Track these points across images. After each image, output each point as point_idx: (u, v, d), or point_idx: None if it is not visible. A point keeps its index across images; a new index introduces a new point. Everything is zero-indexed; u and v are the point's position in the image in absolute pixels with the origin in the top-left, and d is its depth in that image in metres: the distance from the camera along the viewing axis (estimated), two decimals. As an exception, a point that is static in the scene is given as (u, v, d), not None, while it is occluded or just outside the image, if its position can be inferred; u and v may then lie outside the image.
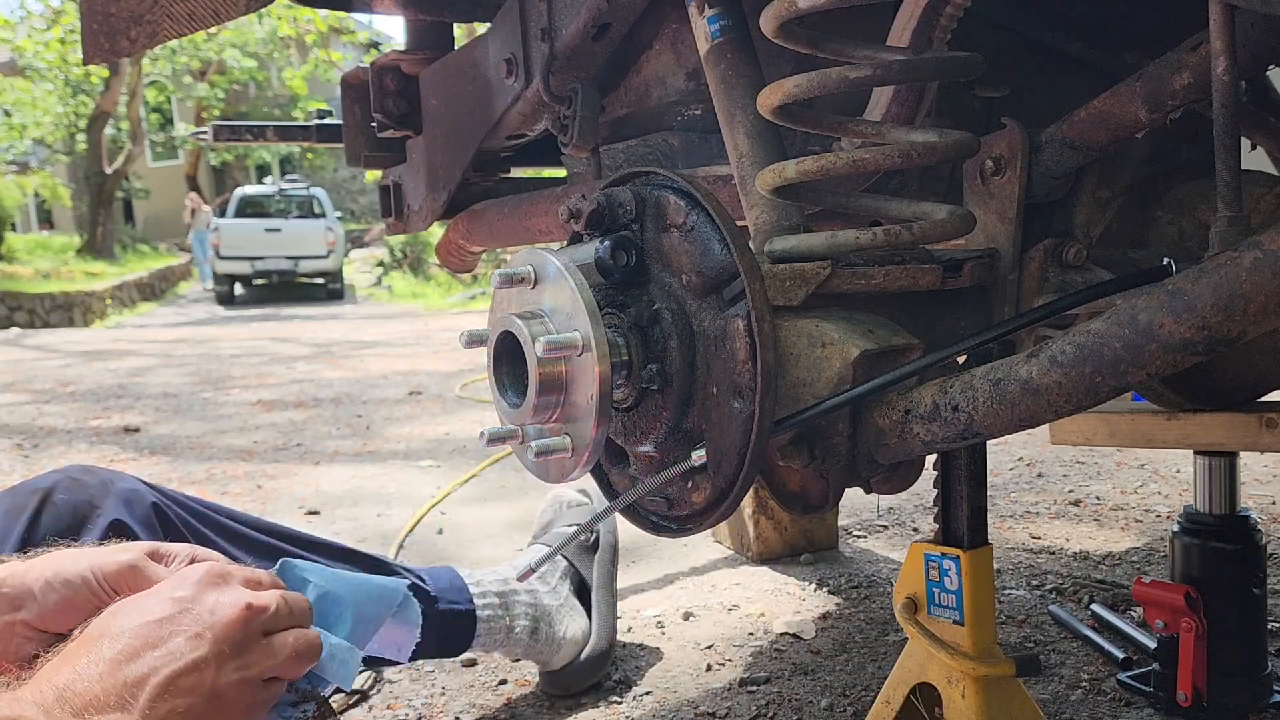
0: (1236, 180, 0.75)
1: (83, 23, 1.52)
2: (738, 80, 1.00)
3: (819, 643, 1.74)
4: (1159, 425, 1.34)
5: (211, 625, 0.76)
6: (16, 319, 13.28)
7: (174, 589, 0.79)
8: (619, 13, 1.18)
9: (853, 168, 0.87)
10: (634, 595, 2.01)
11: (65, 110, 21.95)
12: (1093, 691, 1.50)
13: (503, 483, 3.05)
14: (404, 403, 4.69)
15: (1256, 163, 1.17)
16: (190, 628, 0.75)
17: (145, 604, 0.77)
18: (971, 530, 1.05)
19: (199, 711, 0.73)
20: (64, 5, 18.76)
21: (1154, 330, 0.68)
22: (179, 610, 0.76)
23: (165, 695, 0.72)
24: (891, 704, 1.11)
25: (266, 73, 26.36)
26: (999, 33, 1.12)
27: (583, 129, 1.28)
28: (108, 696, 0.71)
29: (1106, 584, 1.92)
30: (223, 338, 9.06)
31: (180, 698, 0.73)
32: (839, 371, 0.81)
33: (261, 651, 0.78)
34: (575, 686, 1.59)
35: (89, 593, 0.84)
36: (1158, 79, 0.86)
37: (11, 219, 20.22)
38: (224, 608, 0.78)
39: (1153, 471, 2.76)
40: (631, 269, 0.86)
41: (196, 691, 0.73)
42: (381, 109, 1.69)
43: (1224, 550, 1.35)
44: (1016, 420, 0.77)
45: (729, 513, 0.85)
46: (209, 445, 3.82)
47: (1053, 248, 0.98)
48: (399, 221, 1.84)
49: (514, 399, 0.86)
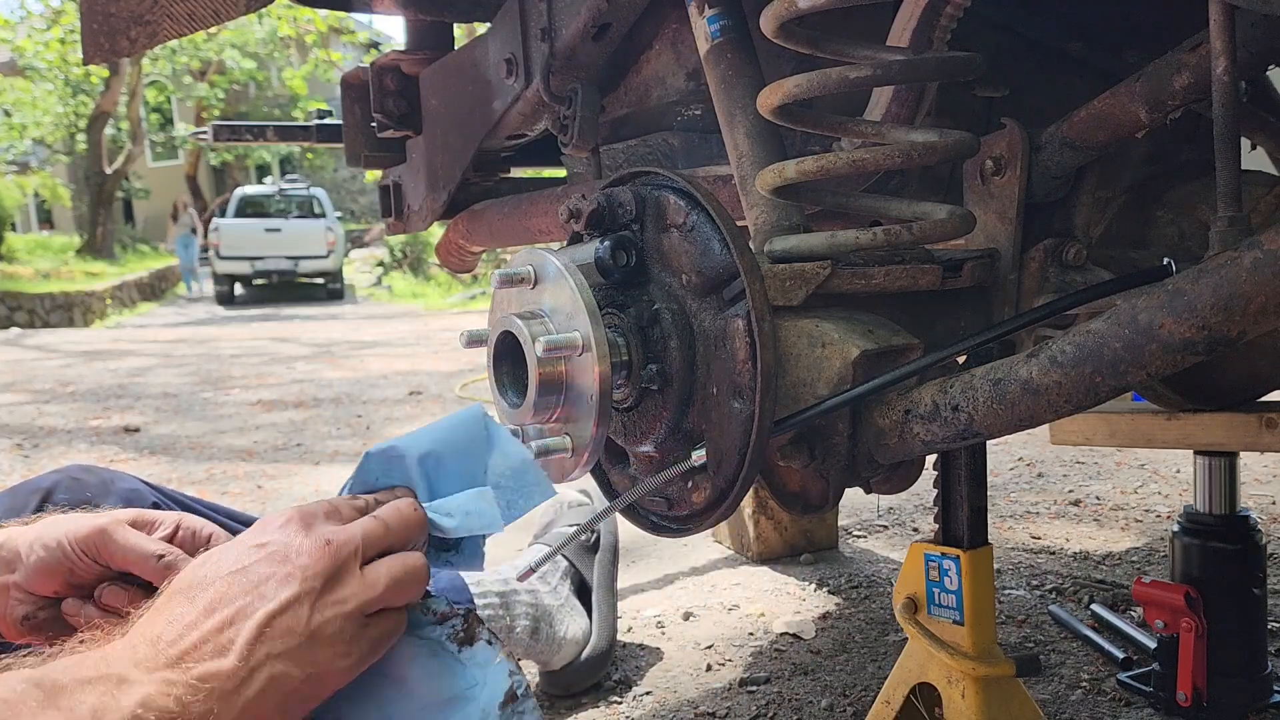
0: (1236, 180, 0.75)
1: (83, 23, 1.52)
2: (738, 80, 1.00)
3: (819, 643, 1.74)
4: (1159, 425, 1.34)
5: (299, 565, 0.73)
6: (16, 319, 13.29)
7: (256, 536, 0.76)
8: (619, 13, 1.18)
9: (853, 168, 0.87)
10: (634, 595, 2.01)
11: (65, 110, 21.96)
12: (1093, 691, 1.50)
13: (503, 483, 3.04)
14: (404, 403, 4.69)
15: (1256, 163, 1.18)
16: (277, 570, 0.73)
17: (229, 553, 0.75)
18: (971, 530, 1.05)
19: (298, 654, 0.71)
20: (64, 5, 18.76)
21: (1154, 330, 0.68)
22: (263, 555, 0.74)
23: (262, 639, 0.70)
24: (891, 704, 1.11)
25: (266, 73, 26.36)
26: (999, 33, 1.12)
27: (583, 129, 1.28)
28: (204, 643, 0.69)
29: (1106, 584, 1.92)
30: (223, 338, 9.06)
31: (277, 639, 0.70)
32: (839, 371, 0.81)
33: (357, 584, 0.75)
34: (575, 686, 1.59)
35: (62, 555, 0.84)
36: (1158, 79, 0.86)
37: (11, 219, 20.23)
38: (307, 547, 0.75)
39: (1153, 471, 2.76)
40: (631, 269, 0.86)
41: (293, 632, 0.71)
42: (381, 109, 1.69)
43: (1224, 550, 1.35)
44: (1016, 420, 0.77)
45: (729, 513, 0.85)
46: (209, 445, 3.82)
47: (1053, 248, 0.98)
48: (399, 221, 1.84)
49: (514, 399, 0.86)
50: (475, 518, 0.81)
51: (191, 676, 0.67)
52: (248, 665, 0.69)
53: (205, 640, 0.69)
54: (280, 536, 0.75)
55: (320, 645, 0.72)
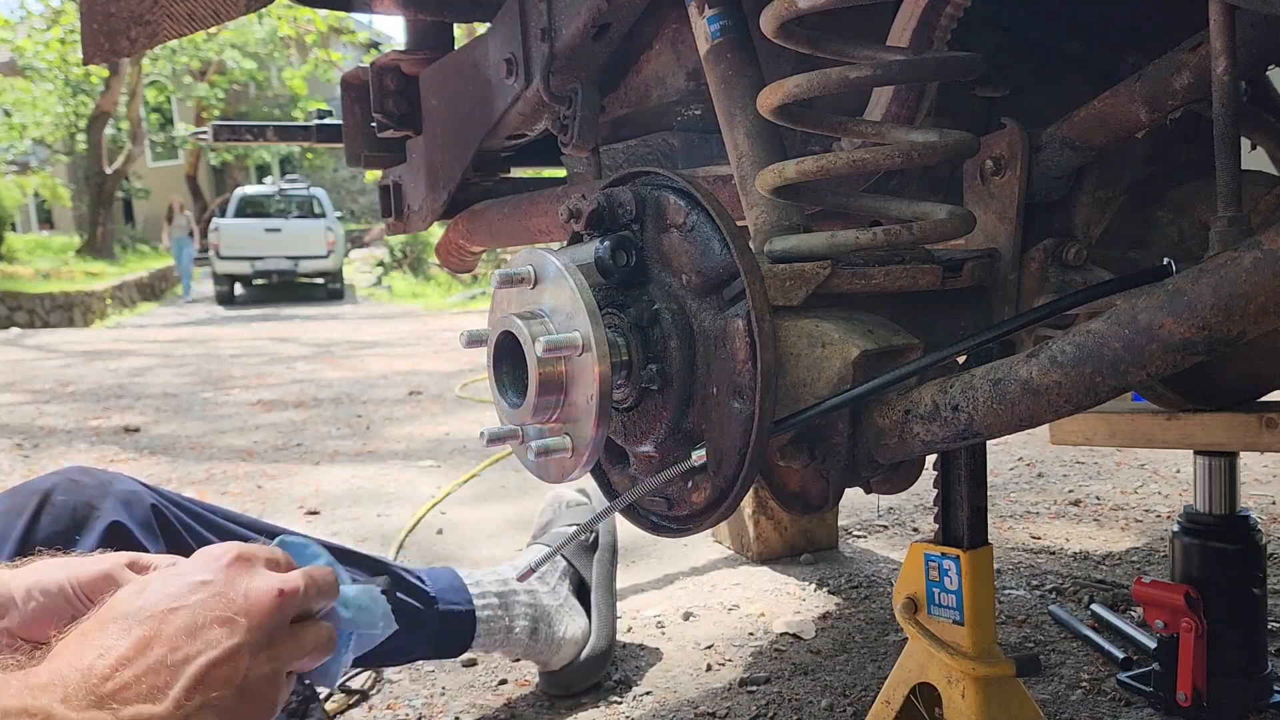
0: (1236, 180, 0.75)
1: (83, 23, 1.52)
2: (738, 80, 1.00)
3: (819, 643, 1.74)
4: (1159, 425, 1.34)
5: (246, 611, 0.71)
6: (16, 319, 13.29)
7: (200, 571, 0.74)
8: (619, 13, 1.18)
9: (853, 168, 0.87)
10: (634, 595, 2.01)
11: (65, 110, 21.96)
12: (1093, 691, 1.50)
13: (503, 483, 3.05)
14: (404, 403, 4.69)
15: (1256, 163, 1.17)
16: (223, 612, 0.71)
17: (170, 584, 0.73)
18: (971, 530, 1.05)
19: (229, 705, 0.69)
20: (64, 5, 18.76)
21: (1154, 330, 0.68)
22: (210, 594, 0.72)
23: (199, 686, 0.68)
24: (891, 704, 1.11)
25: (266, 73, 26.36)
26: (999, 33, 1.12)
27: (583, 129, 1.28)
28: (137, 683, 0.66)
29: (1106, 584, 1.92)
30: (223, 338, 9.06)
31: (214, 689, 0.68)
32: (839, 371, 0.81)
33: (289, 642, 0.74)
34: (575, 686, 1.59)
35: (64, 601, 0.81)
36: (1158, 79, 0.86)
37: (11, 219, 20.24)
38: (256, 592, 0.73)
39: (1153, 471, 2.76)
40: (631, 269, 0.86)
41: (230, 683, 0.69)
42: (381, 109, 1.69)
43: (1224, 550, 1.35)
44: (1016, 420, 0.77)
45: (729, 513, 0.85)
46: (209, 445, 3.82)
47: (1053, 248, 0.98)
48: (399, 221, 1.84)
49: (514, 399, 0.86)
50: (364, 614, 0.83)
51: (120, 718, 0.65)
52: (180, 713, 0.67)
53: (139, 680, 0.67)
54: (225, 577, 0.73)
55: (250, 698, 0.71)
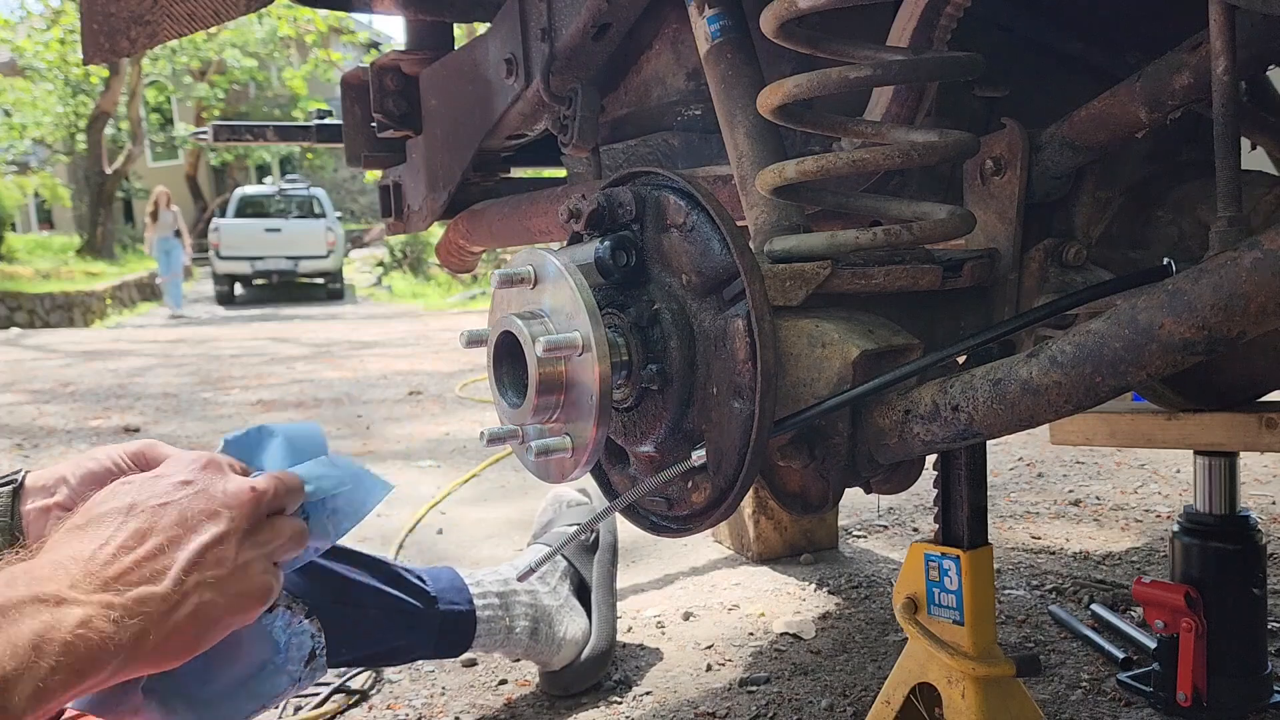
0: (1236, 180, 0.75)
1: (83, 23, 1.52)
2: (738, 80, 1.00)
3: (819, 643, 1.74)
4: (1159, 425, 1.34)
5: (226, 504, 0.79)
6: (16, 319, 13.29)
7: (180, 473, 0.82)
8: (619, 13, 1.18)
9: (853, 168, 0.87)
10: (634, 595, 2.01)
11: (65, 110, 21.95)
12: (1093, 691, 1.50)
13: (503, 483, 3.05)
14: (404, 403, 4.69)
15: (1256, 163, 1.17)
16: (208, 506, 0.78)
17: (156, 485, 0.80)
18: (971, 530, 1.05)
19: (224, 584, 0.76)
20: (64, 5, 18.77)
21: (1154, 330, 0.68)
22: (193, 491, 0.79)
23: (195, 567, 0.75)
24: (891, 704, 1.11)
25: (266, 73, 26.36)
26: (999, 33, 1.12)
27: (583, 129, 1.28)
28: (138, 567, 0.73)
29: (1106, 584, 1.92)
30: (222, 338, 9.06)
31: (209, 569, 0.75)
32: (839, 371, 0.81)
33: (270, 532, 0.82)
34: (575, 687, 1.59)
35: (111, 465, 0.91)
36: (1158, 79, 0.86)
37: (11, 219, 20.26)
38: (234, 489, 0.81)
39: (1153, 471, 2.76)
40: (631, 269, 0.86)
41: (222, 564, 0.76)
42: (381, 109, 1.69)
43: (1224, 550, 1.35)
44: (1016, 420, 0.77)
45: (729, 513, 0.85)
46: (209, 445, 3.81)
47: (1053, 248, 0.98)
48: (399, 221, 1.84)
49: (514, 399, 0.86)
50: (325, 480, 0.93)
51: (128, 599, 0.71)
52: (180, 590, 0.73)
53: (139, 565, 0.73)
54: (204, 478, 0.82)
55: (243, 579, 0.78)
